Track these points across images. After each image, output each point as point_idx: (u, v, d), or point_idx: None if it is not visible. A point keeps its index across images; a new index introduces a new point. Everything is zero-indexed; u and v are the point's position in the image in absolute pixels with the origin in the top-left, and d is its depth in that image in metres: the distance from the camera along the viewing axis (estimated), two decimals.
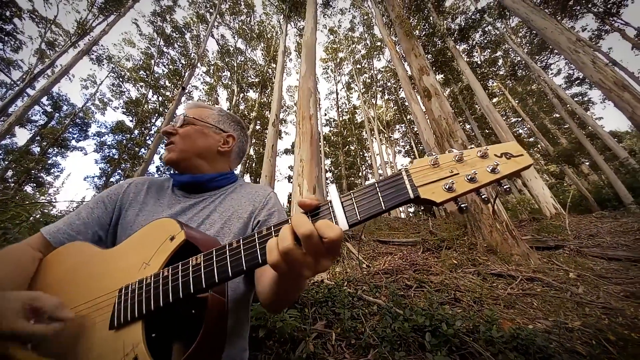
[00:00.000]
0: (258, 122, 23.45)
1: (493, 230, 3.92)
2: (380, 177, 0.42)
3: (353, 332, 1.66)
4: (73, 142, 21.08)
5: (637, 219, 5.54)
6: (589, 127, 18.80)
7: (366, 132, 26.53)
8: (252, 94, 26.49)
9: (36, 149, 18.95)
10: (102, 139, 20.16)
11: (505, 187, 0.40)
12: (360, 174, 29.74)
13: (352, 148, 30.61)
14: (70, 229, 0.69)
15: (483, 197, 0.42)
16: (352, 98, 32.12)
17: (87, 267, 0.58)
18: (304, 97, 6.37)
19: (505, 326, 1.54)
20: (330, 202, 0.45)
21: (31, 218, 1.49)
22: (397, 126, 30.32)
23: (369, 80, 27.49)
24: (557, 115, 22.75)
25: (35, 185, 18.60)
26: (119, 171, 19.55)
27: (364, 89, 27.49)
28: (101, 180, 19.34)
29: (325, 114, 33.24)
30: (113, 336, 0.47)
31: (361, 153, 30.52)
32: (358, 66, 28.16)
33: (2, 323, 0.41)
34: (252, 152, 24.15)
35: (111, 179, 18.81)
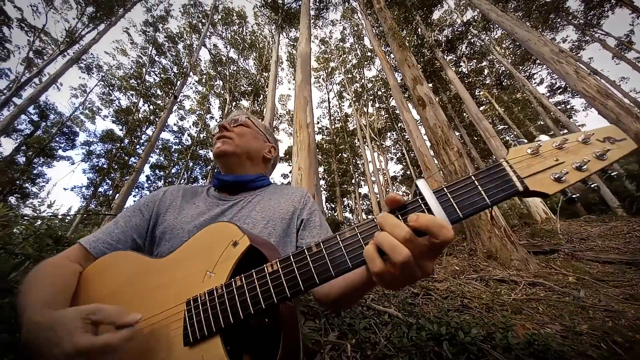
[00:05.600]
0: None
1: (492, 235, 3.98)
2: (476, 170, 0.38)
3: (368, 343, 1.64)
4: (60, 152, 20.57)
5: (624, 222, 5.72)
6: None
7: (358, 140, 26.81)
8: (245, 103, 26.56)
9: (21, 159, 18.39)
10: (90, 148, 19.71)
11: (613, 173, 0.38)
12: (353, 181, 29.88)
13: (345, 156, 30.82)
14: (110, 238, 0.67)
15: (573, 196, 0.39)
16: (343, 106, 32.58)
17: (144, 278, 0.54)
18: (300, 106, 6.40)
19: (519, 332, 1.56)
20: (422, 197, 0.39)
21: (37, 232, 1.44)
22: (389, 134, 30.76)
23: (360, 89, 27.96)
24: (542, 123, 23.58)
25: (20, 196, 17.91)
26: (108, 181, 19.10)
27: (355, 98, 27.92)
28: (89, 190, 18.80)
29: (318, 122, 33.52)
30: (189, 353, 0.44)
31: (354, 160, 30.74)
32: (349, 75, 28.67)
33: (66, 343, 0.37)
34: None
35: (99, 189, 18.34)
